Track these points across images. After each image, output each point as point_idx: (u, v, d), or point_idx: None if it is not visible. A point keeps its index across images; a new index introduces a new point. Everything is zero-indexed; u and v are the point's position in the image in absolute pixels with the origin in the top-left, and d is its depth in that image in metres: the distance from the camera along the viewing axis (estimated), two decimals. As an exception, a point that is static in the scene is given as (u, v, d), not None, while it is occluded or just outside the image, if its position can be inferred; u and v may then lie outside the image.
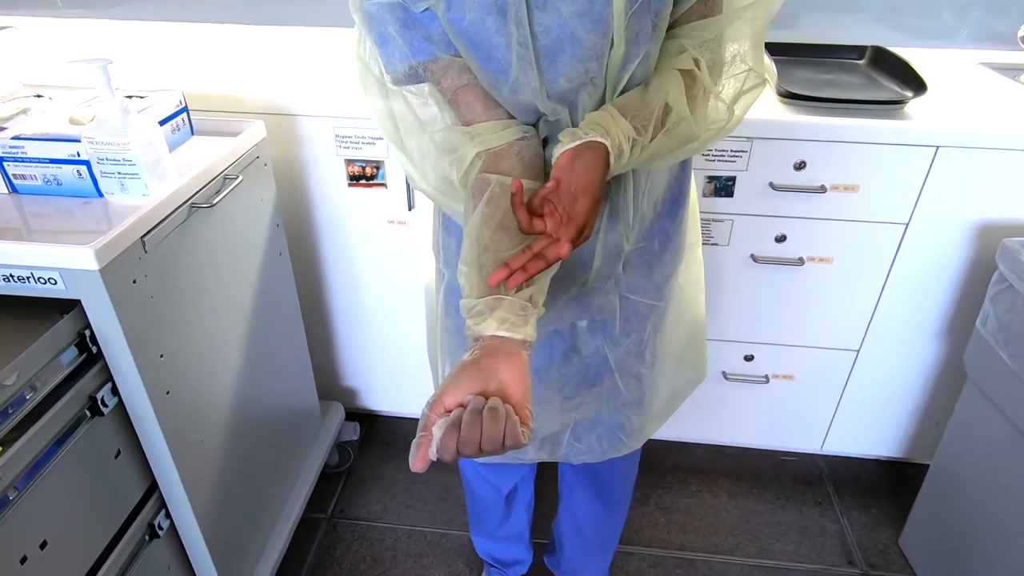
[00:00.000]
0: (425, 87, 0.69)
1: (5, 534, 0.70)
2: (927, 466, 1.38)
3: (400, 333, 1.53)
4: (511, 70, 0.64)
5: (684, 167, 0.84)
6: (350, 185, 1.33)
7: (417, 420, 0.58)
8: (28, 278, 0.76)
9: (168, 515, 0.99)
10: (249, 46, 1.57)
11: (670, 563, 1.43)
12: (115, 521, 0.89)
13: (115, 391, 0.85)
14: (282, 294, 1.27)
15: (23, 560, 0.73)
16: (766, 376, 1.46)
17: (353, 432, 1.62)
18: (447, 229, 0.85)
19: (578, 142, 0.64)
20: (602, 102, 0.69)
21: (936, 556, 1.35)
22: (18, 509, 0.72)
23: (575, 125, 0.69)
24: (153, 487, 0.96)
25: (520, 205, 0.61)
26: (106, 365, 0.83)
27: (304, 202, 1.36)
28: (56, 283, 0.76)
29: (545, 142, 0.73)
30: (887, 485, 1.60)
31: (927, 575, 1.38)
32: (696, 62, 0.68)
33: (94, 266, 0.74)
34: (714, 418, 1.55)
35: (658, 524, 1.52)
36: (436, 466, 1.75)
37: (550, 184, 0.62)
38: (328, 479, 1.60)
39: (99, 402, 0.83)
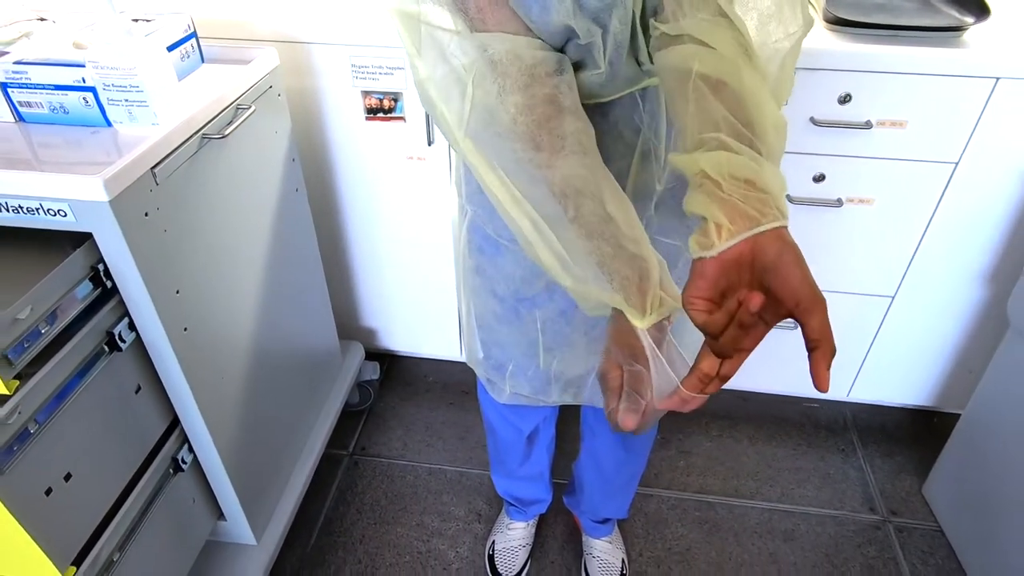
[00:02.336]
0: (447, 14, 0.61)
1: (29, 465, 0.71)
2: (956, 416, 1.35)
3: (420, 273, 1.50)
4: None
5: None
6: (367, 119, 1.28)
7: (437, 361, 0.52)
8: (37, 209, 0.74)
9: (191, 449, 0.99)
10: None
11: (689, 505, 1.44)
12: (138, 455, 0.90)
13: (132, 327, 0.84)
14: (300, 231, 1.24)
15: (48, 491, 0.73)
16: (794, 323, 1.42)
17: (373, 372, 1.62)
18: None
19: (752, 232, 0.47)
20: (631, 24, 0.61)
21: (961, 506, 1.34)
22: (40, 441, 0.72)
23: (606, 48, 0.61)
24: (175, 422, 0.96)
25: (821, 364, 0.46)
26: (122, 300, 0.81)
27: (319, 136, 1.32)
28: (66, 215, 0.73)
29: (576, 67, 0.66)
30: (913, 434, 1.58)
31: (950, 524, 1.37)
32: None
33: (103, 197, 0.71)
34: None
35: (678, 467, 1.52)
36: (455, 406, 1.73)
37: (754, 301, 0.45)
38: (349, 417, 1.61)
39: (116, 337, 0.81)
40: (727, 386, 1.60)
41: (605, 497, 1.24)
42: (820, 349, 0.46)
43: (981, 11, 1.11)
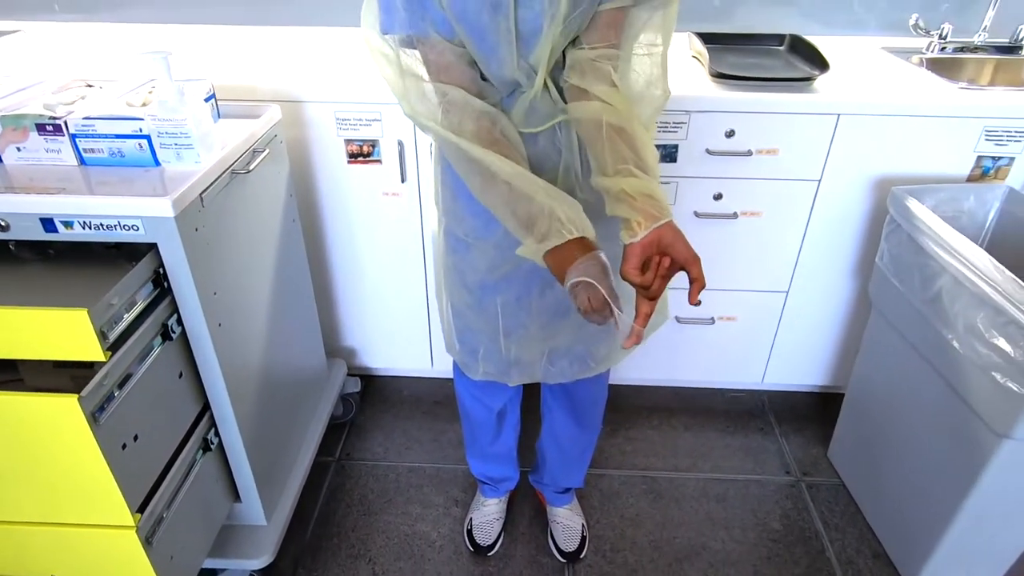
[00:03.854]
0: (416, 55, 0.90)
1: (115, 422, 0.90)
2: (848, 388, 1.64)
3: (395, 297, 1.73)
4: (498, 50, 0.86)
5: None
6: (349, 162, 1.54)
7: (411, 378, 0.74)
8: (115, 226, 0.95)
9: (217, 433, 1.18)
10: (240, 44, 1.76)
11: (636, 481, 1.67)
12: (179, 431, 1.09)
13: (180, 322, 1.05)
14: (295, 257, 1.47)
15: (124, 446, 0.92)
16: (712, 318, 1.71)
17: (355, 385, 1.82)
18: (444, 182, 1.06)
19: (657, 224, 0.79)
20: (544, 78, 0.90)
21: (856, 463, 1.62)
22: (120, 405, 0.91)
23: (534, 91, 0.89)
24: (205, 408, 1.15)
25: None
26: (173, 299, 1.02)
27: (309, 178, 1.56)
28: (138, 229, 0.95)
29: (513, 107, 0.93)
30: (818, 411, 1.87)
31: (849, 478, 1.65)
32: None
33: (170, 213, 0.94)
34: (671, 359, 1.80)
35: (626, 452, 1.76)
36: (429, 415, 2.01)
37: (665, 262, 0.79)
38: (334, 430, 1.79)
39: (169, 329, 1.02)
40: (665, 383, 1.88)
41: (564, 467, 1.46)
42: (697, 283, 0.79)
43: (824, 66, 1.47)
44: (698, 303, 0.79)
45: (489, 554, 1.48)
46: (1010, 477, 1.18)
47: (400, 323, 1.78)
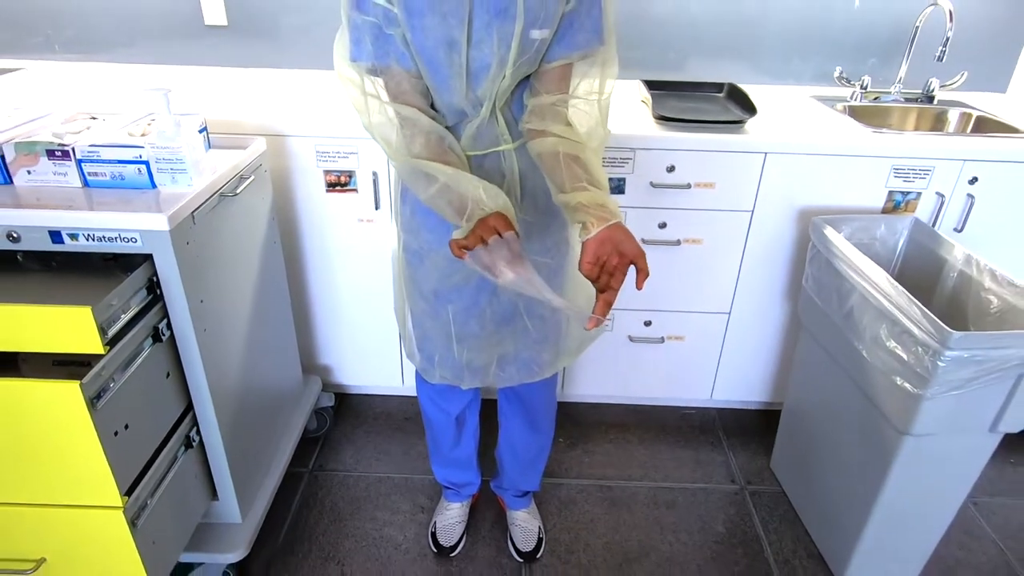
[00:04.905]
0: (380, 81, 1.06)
1: (109, 410, 1.01)
2: (786, 402, 1.78)
3: (368, 317, 1.86)
4: (450, 82, 1.02)
5: None
6: (327, 191, 1.68)
7: (383, 396, 0.86)
8: (115, 238, 1.08)
9: (199, 432, 1.28)
10: (230, 83, 1.92)
11: (592, 489, 1.79)
12: (165, 426, 1.19)
13: (169, 325, 1.16)
14: (275, 273, 1.59)
15: (116, 433, 1.03)
16: (662, 338, 1.85)
17: (329, 400, 1.93)
18: (403, 199, 1.20)
19: (607, 224, 0.94)
20: (493, 106, 1.06)
21: (793, 471, 1.75)
22: (115, 395, 1.02)
23: (479, 119, 1.05)
24: (189, 407, 1.26)
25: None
26: (164, 305, 1.15)
27: (290, 205, 1.70)
28: (136, 241, 1.08)
29: (461, 129, 1.09)
30: (763, 426, 2.01)
31: (788, 485, 1.78)
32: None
33: (166, 228, 1.07)
34: (625, 376, 1.93)
35: (583, 463, 1.87)
36: (399, 430, 2.17)
37: (612, 261, 0.93)
38: (308, 444, 1.89)
39: (159, 332, 1.14)
40: (622, 400, 2.02)
41: (520, 472, 1.57)
42: (642, 272, 0.94)
43: (752, 110, 1.65)
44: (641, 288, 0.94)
45: (452, 555, 1.58)
46: (914, 472, 1.32)
47: (373, 342, 1.90)
